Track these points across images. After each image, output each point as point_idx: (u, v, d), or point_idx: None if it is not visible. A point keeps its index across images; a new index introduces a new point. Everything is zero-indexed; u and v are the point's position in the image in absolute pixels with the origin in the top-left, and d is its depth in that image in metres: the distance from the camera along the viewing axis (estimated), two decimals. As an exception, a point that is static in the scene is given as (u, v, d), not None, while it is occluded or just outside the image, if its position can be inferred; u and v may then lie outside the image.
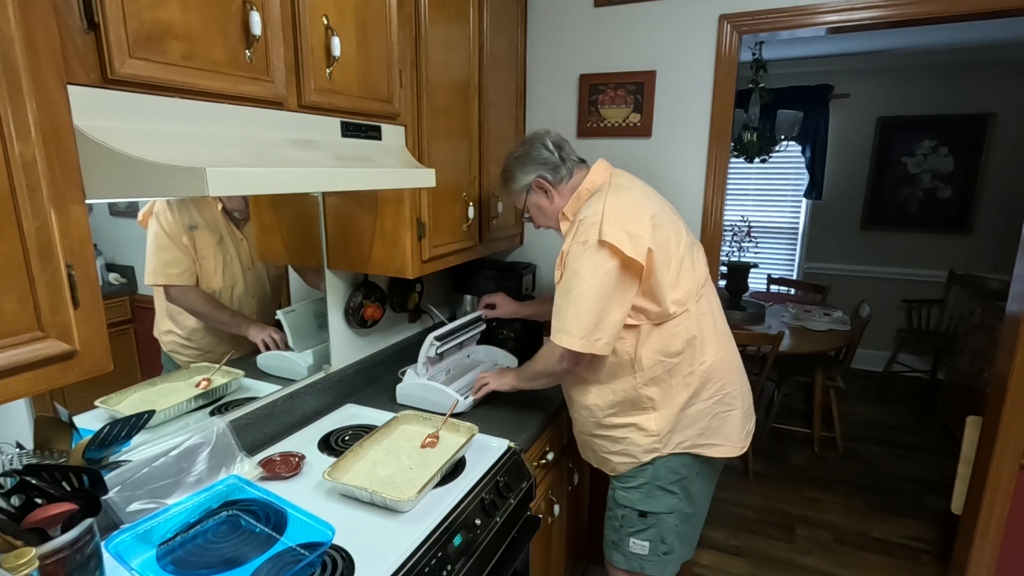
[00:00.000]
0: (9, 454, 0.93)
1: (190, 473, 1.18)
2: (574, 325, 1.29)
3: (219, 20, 0.90)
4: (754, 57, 3.21)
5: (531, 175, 1.45)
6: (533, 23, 2.06)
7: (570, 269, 1.31)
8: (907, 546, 2.46)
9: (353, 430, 1.53)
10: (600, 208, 1.31)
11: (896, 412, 3.79)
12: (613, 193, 1.35)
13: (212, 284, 1.32)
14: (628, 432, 1.41)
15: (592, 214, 1.31)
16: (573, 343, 1.29)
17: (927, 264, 4.29)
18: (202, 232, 1.28)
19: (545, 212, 1.48)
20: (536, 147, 1.45)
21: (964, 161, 4.06)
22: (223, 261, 1.34)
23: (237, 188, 0.82)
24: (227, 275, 1.35)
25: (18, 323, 0.69)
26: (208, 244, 1.30)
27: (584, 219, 1.31)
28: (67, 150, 0.72)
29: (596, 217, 1.30)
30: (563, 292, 1.32)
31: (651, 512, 1.44)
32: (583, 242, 1.29)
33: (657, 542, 1.45)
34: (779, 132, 3.53)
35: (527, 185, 1.46)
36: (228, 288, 1.36)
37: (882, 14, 1.64)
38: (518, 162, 1.47)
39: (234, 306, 1.38)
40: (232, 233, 1.36)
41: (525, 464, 1.44)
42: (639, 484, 1.44)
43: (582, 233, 1.30)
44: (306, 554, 0.99)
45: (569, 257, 1.32)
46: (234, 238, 1.36)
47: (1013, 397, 1.71)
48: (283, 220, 1.52)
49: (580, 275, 1.28)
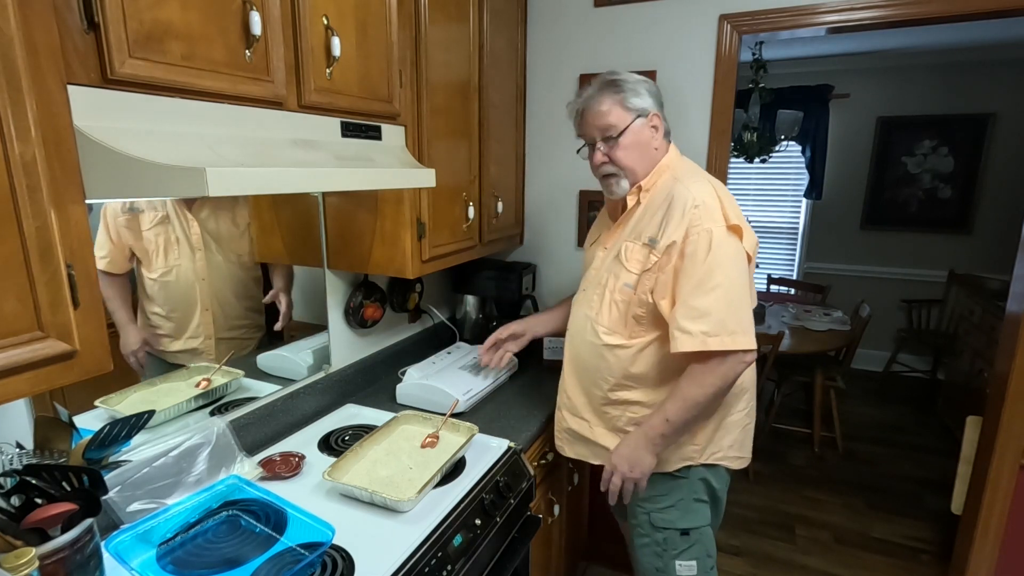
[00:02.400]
0: (9, 454, 0.93)
1: (190, 473, 1.18)
2: (736, 322, 1.15)
3: (219, 20, 0.90)
4: (754, 57, 3.21)
5: (650, 106, 1.28)
6: (533, 23, 2.06)
7: (707, 261, 1.15)
8: (907, 546, 2.46)
9: (353, 430, 1.53)
10: (710, 190, 1.20)
11: (896, 412, 3.79)
12: (707, 177, 1.26)
13: (153, 267, 1.22)
14: None
15: (707, 197, 1.19)
16: (749, 341, 1.16)
17: (927, 264, 4.29)
18: (146, 214, 1.19)
19: (644, 154, 1.29)
20: (657, 87, 1.32)
21: (964, 161, 4.06)
22: (164, 242, 1.23)
23: (237, 188, 0.82)
24: (170, 257, 1.24)
25: (18, 323, 0.69)
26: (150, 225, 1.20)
27: (700, 204, 1.18)
28: (67, 150, 0.72)
29: (713, 200, 1.19)
30: (706, 288, 1.15)
31: (693, 528, 1.35)
32: (709, 229, 1.16)
33: (704, 557, 1.37)
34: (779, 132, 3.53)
35: (643, 111, 1.27)
36: (171, 270, 1.25)
37: (882, 14, 1.64)
38: (641, 84, 1.28)
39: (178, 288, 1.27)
40: (181, 214, 1.26)
41: (525, 464, 1.44)
42: (675, 501, 1.34)
43: (704, 219, 1.17)
44: (306, 554, 0.99)
45: (694, 247, 1.16)
46: (183, 219, 1.27)
47: (1013, 397, 1.71)
48: (283, 220, 1.52)
49: (724, 265, 1.15)
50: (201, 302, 1.32)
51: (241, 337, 1.45)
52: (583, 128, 1.33)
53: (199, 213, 1.30)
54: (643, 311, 1.26)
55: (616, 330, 1.31)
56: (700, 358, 1.18)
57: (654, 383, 1.30)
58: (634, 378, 1.31)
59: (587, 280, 1.42)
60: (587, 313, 1.36)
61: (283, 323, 1.56)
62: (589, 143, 1.33)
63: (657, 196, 1.28)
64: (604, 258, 1.37)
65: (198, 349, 1.32)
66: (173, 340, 1.27)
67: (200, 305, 1.32)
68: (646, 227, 1.27)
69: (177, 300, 1.27)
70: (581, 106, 1.32)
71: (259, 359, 1.48)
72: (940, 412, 3.71)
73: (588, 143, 1.34)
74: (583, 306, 1.39)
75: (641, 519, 1.40)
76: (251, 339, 1.47)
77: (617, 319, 1.30)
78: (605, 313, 1.32)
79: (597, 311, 1.33)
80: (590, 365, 1.36)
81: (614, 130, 1.27)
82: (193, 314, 1.31)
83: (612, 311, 1.31)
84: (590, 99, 1.29)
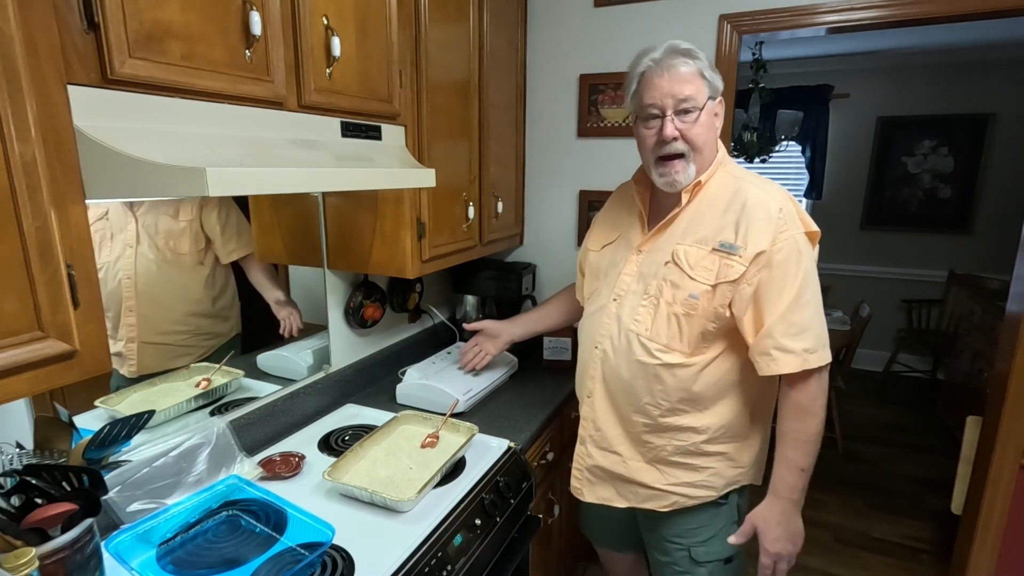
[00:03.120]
0: (9, 454, 0.93)
1: (190, 473, 1.18)
2: (824, 338, 1.09)
3: (219, 20, 0.90)
4: (754, 57, 3.21)
5: (719, 91, 1.15)
6: (533, 23, 2.06)
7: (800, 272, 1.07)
8: (907, 546, 2.45)
9: (353, 430, 1.53)
10: (785, 193, 1.13)
11: (896, 412, 3.79)
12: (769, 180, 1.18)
13: None
14: (716, 462, 1.20)
15: (786, 201, 1.11)
16: (829, 355, 1.09)
17: (927, 264, 4.29)
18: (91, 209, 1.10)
19: (711, 140, 1.15)
20: None
21: (964, 161, 4.06)
22: (100, 238, 1.16)
23: (237, 188, 0.82)
24: (103, 253, 1.16)
25: (18, 323, 0.69)
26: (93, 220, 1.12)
27: (784, 207, 1.09)
28: (67, 150, 0.72)
29: (789, 205, 1.11)
30: (803, 301, 1.07)
31: (735, 554, 1.26)
32: (795, 237, 1.07)
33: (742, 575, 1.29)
34: (779, 132, 3.53)
35: (716, 92, 1.14)
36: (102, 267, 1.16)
37: (882, 14, 1.64)
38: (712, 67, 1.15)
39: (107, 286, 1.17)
40: (122, 209, 1.19)
41: (525, 464, 1.44)
42: (717, 531, 1.24)
43: (788, 225, 1.08)
44: (306, 554, 0.99)
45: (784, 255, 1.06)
46: (121, 214, 1.19)
47: (1013, 397, 1.71)
48: (283, 220, 1.52)
49: (813, 275, 1.09)
50: (125, 302, 1.20)
51: (178, 344, 1.32)
52: (651, 93, 1.11)
53: (138, 208, 1.21)
54: (715, 326, 1.12)
55: (675, 347, 1.14)
56: (794, 379, 1.09)
57: (712, 404, 1.17)
58: (693, 399, 1.16)
59: (619, 287, 1.22)
60: (630, 328, 1.18)
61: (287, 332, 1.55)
62: (656, 113, 1.11)
63: (718, 195, 1.14)
64: (645, 262, 1.20)
65: (122, 353, 1.20)
66: (113, 342, 1.18)
67: (124, 305, 1.20)
68: (712, 230, 1.12)
69: (107, 299, 1.17)
70: (650, 67, 1.11)
71: (259, 359, 1.48)
72: (940, 412, 3.71)
73: (653, 114, 1.12)
74: (616, 320, 1.21)
75: (678, 556, 1.27)
76: (196, 347, 1.35)
77: (676, 334, 1.13)
78: (662, 328, 1.14)
79: (648, 326, 1.16)
80: (637, 388, 1.18)
81: (693, 103, 1.09)
82: (120, 315, 1.20)
83: (671, 325, 1.14)
84: (669, 61, 1.10)
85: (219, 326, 1.40)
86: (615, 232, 1.32)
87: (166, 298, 1.28)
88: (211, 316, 1.38)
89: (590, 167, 2.07)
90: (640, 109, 1.15)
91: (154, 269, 1.25)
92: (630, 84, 1.16)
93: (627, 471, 1.26)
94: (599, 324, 1.25)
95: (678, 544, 1.27)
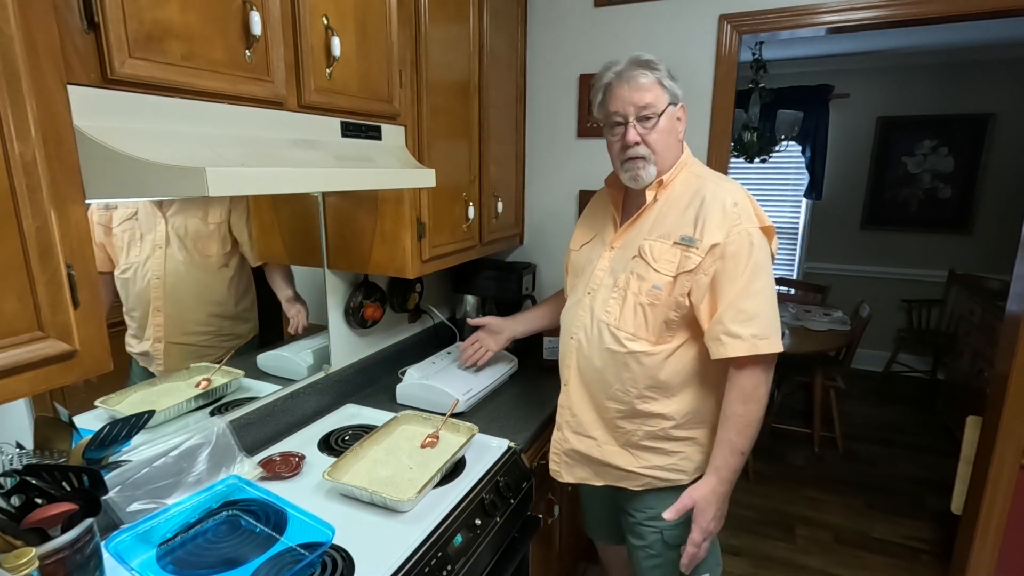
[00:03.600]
0: (9, 454, 0.93)
1: (190, 473, 1.18)
2: (777, 325, 1.14)
3: (219, 20, 0.90)
4: (754, 57, 3.21)
5: (681, 97, 1.24)
6: (533, 23, 2.06)
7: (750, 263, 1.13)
8: (907, 546, 2.45)
9: (353, 430, 1.53)
10: (742, 190, 1.19)
11: (896, 412, 3.79)
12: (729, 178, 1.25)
13: (119, 265, 1.18)
14: (685, 446, 1.26)
15: (742, 197, 1.18)
16: (779, 345, 1.14)
17: (927, 264, 4.29)
18: (119, 210, 1.16)
19: (671, 143, 1.24)
20: None
21: (964, 161, 4.06)
22: (129, 239, 1.18)
23: (237, 188, 0.82)
24: (131, 254, 1.19)
25: (18, 323, 0.69)
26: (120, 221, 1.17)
27: (738, 203, 1.16)
28: (67, 150, 0.72)
29: (747, 201, 1.17)
30: (753, 291, 1.13)
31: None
32: (748, 230, 1.14)
33: (715, 567, 1.32)
34: (779, 132, 3.53)
35: (676, 98, 1.22)
36: (130, 267, 1.19)
37: (882, 14, 1.64)
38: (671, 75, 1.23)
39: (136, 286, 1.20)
40: (150, 209, 1.21)
41: (525, 464, 1.44)
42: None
43: (743, 219, 1.15)
44: (306, 554, 0.99)
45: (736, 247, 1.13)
46: (150, 214, 1.22)
47: (1013, 397, 1.71)
48: (283, 220, 1.52)
49: (765, 267, 1.14)
50: (153, 302, 1.24)
51: (200, 344, 1.35)
52: (615, 103, 1.21)
53: (167, 208, 1.24)
54: (677, 315, 1.19)
55: (641, 335, 1.22)
56: (741, 364, 1.15)
57: (678, 391, 1.24)
58: (660, 387, 1.23)
59: (593, 282, 1.31)
60: (600, 319, 1.26)
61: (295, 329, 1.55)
62: (620, 120, 1.22)
63: (681, 193, 1.23)
64: (615, 258, 1.28)
65: (149, 353, 1.24)
66: (138, 341, 1.22)
67: (152, 305, 1.24)
68: (674, 225, 1.20)
69: (135, 299, 1.21)
70: (613, 79, 1.21)
71: (259, 359, 1.48)
72: (940, 412, 3.71)
73: (617, 121, 1.22)
74: (590, 311, 1.29)
75: (651, 539, 1.32)
76: (217, 347, 1.38)
77: (643, 324, 1.21)
78: (628, 318, 1.22)
79: (617, 316, 1.23)
80: (606, 376, 1.26)
81: (653, 109, 1.18)
82: (148, 315, 1.24)
83: (637, 315, 1.21)
84: (629, 72, 1.20)
85: (239, 327, 1.43)
86: (592, 232, 1.41)
87: (191, 299, 1.32)
88: (232, 318, 1.41)
89: (590, 167, 2.07)
90: (606, 117, 1.25)
91: (182, 270, 1.28)
92: (596, 95, 1.27)
93: (601, 454, 1.32)
94: (575, 316, 1.33)
95: (652, 527, 1.32)
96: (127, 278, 1.19)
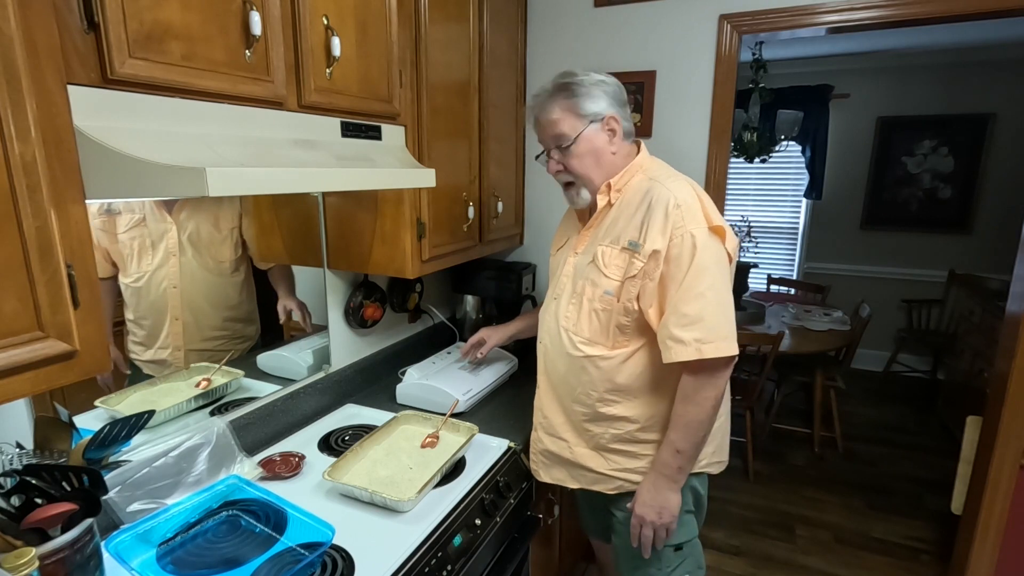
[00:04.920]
0: (9, 454, 0.93)
1: (190, 473, 1.18)
2: (726, 328, 1.11)
3: (219, 20, 0.90)
4: (754, 57, 3.21)
5: (605, 109, 1.20)
6: (533, 23, 2.06)
7: (693, 266, 1.10)
8: (907, 546, 2.45)
9: (353, 430, 1.53)
10: (690, 190, 1.16)
11: (896, 412, 3.79)
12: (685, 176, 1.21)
13: (128, 272, 1.17)
14: (653, 449, 1.26)
15: (688, 197, 1.14)
16: (733, 348, 1.11)
17: (927, 264, 4.29)
18: (123, 216, 1.15)
19: (600, 161, 1.22)
20: (618, 85, 1.25)
21: (964, 161, 4.06)
22: (139, 246, 1.17)
23: (237, 188, 0.82)
24: (143, 262, 1.18)
25: (18, 323, 0.69)
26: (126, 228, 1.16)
27: (682, 204, 1.12)
28: (67, 150, 0.72)
29: (694, 201, 1.14)
30: (695, 294, 1.10)
31: (685, 542, 1.30)
32: (692, 232, 1.11)
33: (695, 570, 1.32)
34: (779, 132, 3.53)
35: (597, 116, 1.20)
36: (143, 276, 1.19)
37: (882, 14, 1.64)
38: (597, 87, 1.21)
39: (149, 295, 1.20)
40: (160, 216, 1.20)
41: (525, 464, 1.44)
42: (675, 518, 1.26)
43: (687, 220, 1.11)
44: (306, 554, 0.99)
45: (678, 250, 1.11)
46: (160, 220, 1.20)
47: (1013, 397, 1.71)
48: (283, 220, 1.52)
49: (710, 269, 1.10)
50: (171, 311, 1.24)
51: (217, 349, 1.37)
52: (538, 134, 1.27)
53: (178, 215, 1.23)
54: (628, 320, 1.19)
55: (597, 340, 1.23)
56: (691, 368, 1.13)
57: (639, 394, 1.23)
58: (619, 390, 1.23)
59: (558, 288, 1.32)
60: (562, 324, 1.27)
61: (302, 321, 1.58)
62: (545, 150, 1.28)
63: (632, 197, 1.21)
64: (577, 264, 1.29)
65: (167, 360, 1.25)
66: (145, 349, 1.22)
67: (170, 314, 1.24)
68: (624, 229, 1.19)
69: (147, 308, 1.20)
70: (535, 112, 1.26)
71: (259, 359, 1.48)
72: (940, 412, 3.71)
73: (543, 149, 1.28)
74: (555, 317, 1.30)
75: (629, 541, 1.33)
76: (231, 350, 1.40)
77: (598, 329, 1.22)
78: (584, 323, 1.23)
79: (575, 321, 1.25)
80: (569, 380, 1.28)
81: (566, 139, 1.21)
82: (163, 323, 1.23)
83: (592, 320, 1.22)
84: (542, 106, 1.23)
85: (248, 328, 1.45)
86: (564, 237, 1.43)
87: (208, 305, 1.33)
88: (243, 320, 1.43)
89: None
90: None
91: (198, 277, 1.29)
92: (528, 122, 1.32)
93: (573, 456, 1.33)
94: (543, 321, 1.36)
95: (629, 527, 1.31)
96: (139, 287, 1.19)
